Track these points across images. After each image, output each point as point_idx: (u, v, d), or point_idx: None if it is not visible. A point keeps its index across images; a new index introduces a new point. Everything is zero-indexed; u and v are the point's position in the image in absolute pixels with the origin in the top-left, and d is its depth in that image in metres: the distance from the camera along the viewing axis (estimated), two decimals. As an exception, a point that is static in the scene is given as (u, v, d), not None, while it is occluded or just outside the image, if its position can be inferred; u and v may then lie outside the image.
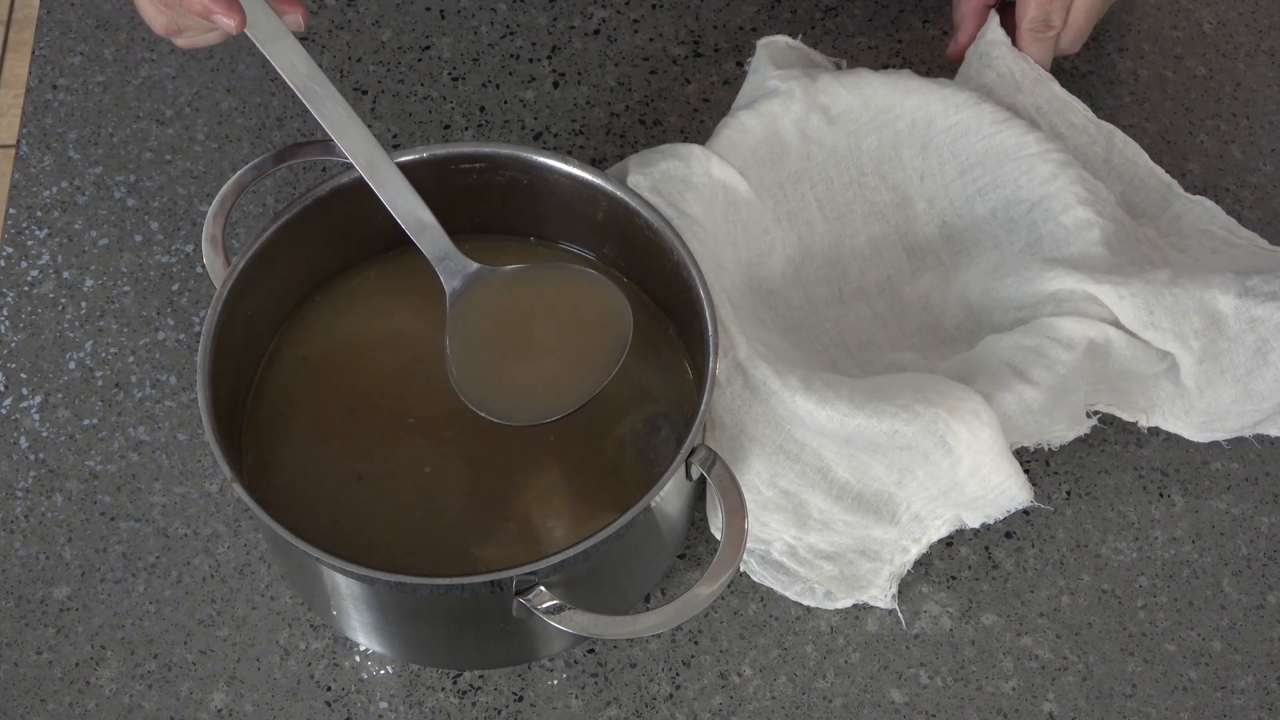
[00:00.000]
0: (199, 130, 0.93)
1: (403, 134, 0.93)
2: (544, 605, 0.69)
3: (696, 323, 0.75)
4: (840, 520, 0.79)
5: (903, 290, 0.86)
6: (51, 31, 0.97)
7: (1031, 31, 0.88)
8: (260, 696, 0.77)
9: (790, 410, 0.77)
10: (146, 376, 0.85)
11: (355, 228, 0.80)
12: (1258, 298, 0.79)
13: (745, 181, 0.83)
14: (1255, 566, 0.81)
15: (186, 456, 0.83)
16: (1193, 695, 0.77)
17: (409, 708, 0.77)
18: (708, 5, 0.98)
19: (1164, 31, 0.98)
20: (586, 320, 0.75)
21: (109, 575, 0.79)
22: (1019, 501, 0.77)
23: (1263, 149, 0.93)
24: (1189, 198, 0.88)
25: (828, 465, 0.78)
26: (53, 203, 0.90)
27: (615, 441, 0.77)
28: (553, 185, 0.79)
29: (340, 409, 0.78)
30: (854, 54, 0.96)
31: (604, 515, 0.74)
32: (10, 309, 0.87)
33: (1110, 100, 0.95)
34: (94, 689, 0.77)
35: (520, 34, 0.97)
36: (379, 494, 0.76)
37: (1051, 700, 0.77)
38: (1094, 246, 0.81)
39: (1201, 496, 0.83)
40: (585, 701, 0.77)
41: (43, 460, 0.82)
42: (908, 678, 0.78)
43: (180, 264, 0.88)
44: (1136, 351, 0.80)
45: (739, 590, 0.79)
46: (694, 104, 0.94)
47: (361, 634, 0.76)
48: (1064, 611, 0.79)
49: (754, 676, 0.78)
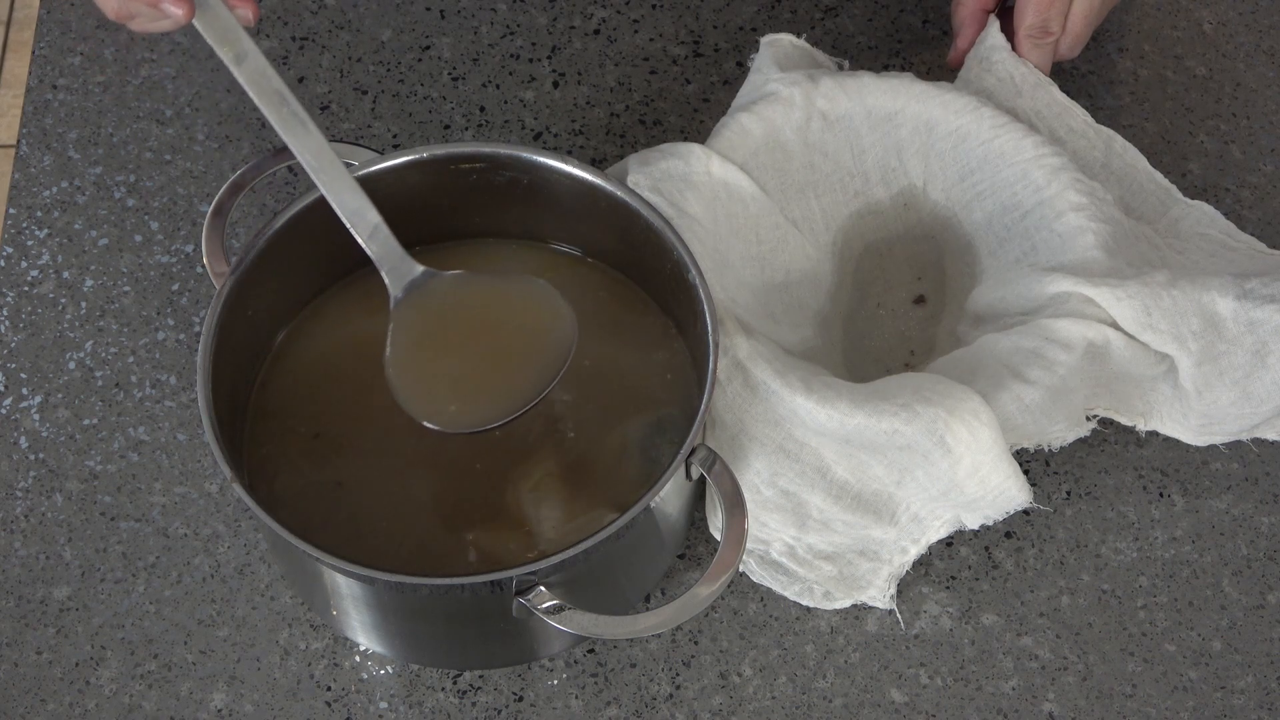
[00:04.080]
0: (199, 130, 0.93)
1: (403, 134, 0.93)
2: (544, 605, 0.69)
3: (696, 323, 0.75)
4: (840, 520, 0.79)
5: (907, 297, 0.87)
6: (51, 31, 0.97)
7: (1030, 38, 0.88)
8: (260, 696, 0.77)
9: (790, 410, 0.77)
10: (146, 376, 0.85)
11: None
12: (1256, 300, 0.79)
13: (749, 178, 0.83)
14: (1255, 566, 0.81)
15: (186, 456, 0.83)
16: (1193, 695, 0.77)
17: (409, 708, 0.77)
18: (708, 5, 0.98)
19: (1164, 31, 0.98)
20: (530, 330, 0.74)
21: (109, 575, 0.79)
22: (1018, 503, 0.77)
23: (1263, 149, 0.93)
24: (1188, 202, 0.88)
25: (827, 465, 0.78)
26: (53, 203, 0.90)
27: (615, 441, 0.77)
28: (553, 185, 0.79)
29: (340, 408, 0.78)
30: (854, 54, 0.96)
31: (604, 515, 0.74)
32: (10, 309, 0.87)
33: (1110, 100, 0.95)
34: (94, 689, 0.77)
35: (520, 34, 0.97)
36: (379, 494, 0.76)
37: (1051, 700, 0.77)
38: (1090, 251, 0.81)
39: (1201, 497, 0.83)
40: (585, 701, 0.77)
41: (43, 460, 0.82)
42: (908, 678, 0.78)
43: (180, 264, 0.88)
44: (1135, 353, 0.80)
45: (739, 590, 0.79)
46: (694, 104, 0.94)
47: (361, 634, 0.76)
48: (1064, 611, 0.79)
49: (754, 676, 0.78)
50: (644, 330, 0.80)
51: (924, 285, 0.87)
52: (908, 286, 0.87)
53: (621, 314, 0.81)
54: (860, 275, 0.87)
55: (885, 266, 0.87)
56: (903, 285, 0.87)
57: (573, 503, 0.75)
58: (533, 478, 0.76)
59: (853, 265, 0.87)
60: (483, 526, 0.75)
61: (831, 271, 0.86)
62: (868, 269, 0.87)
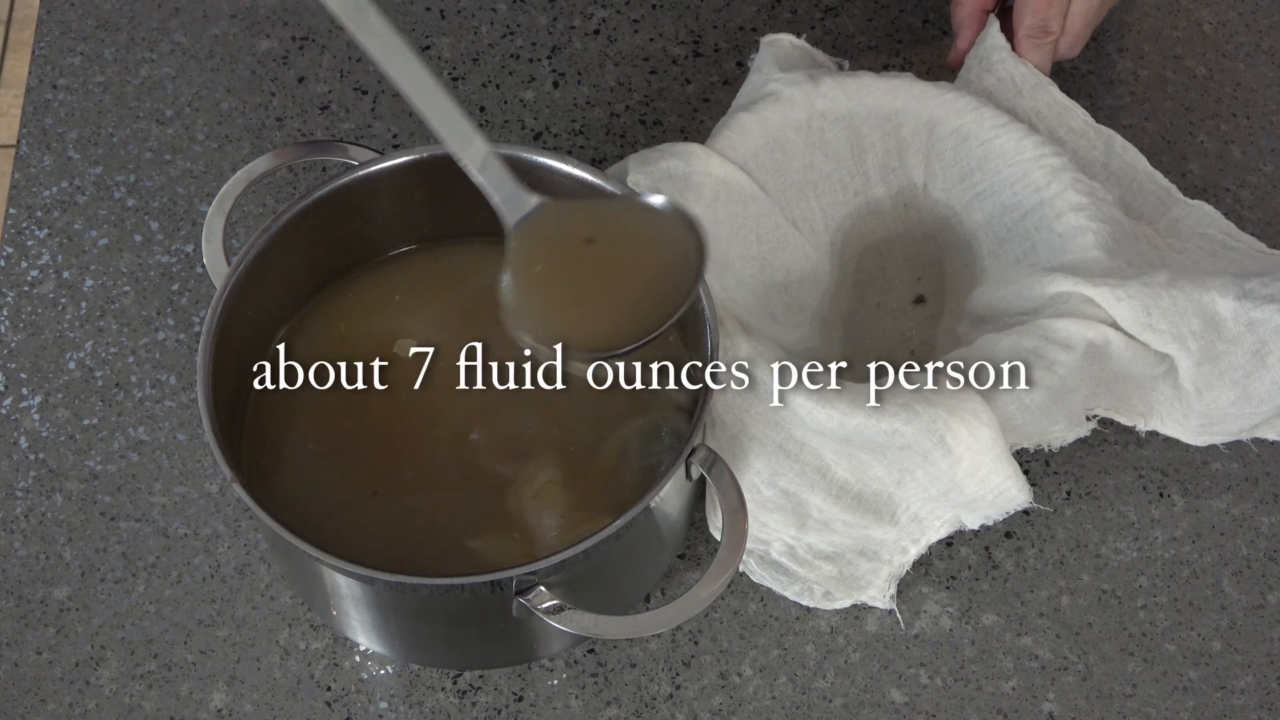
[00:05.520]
0: (199, 130, 0.93)
1: (403, 134, 0.93)
2: (544, 605, 0.69)
3: (696, 323, 0.75)
4: (839, 520, 0.79)
5: (907, 297, 0.86)
6: (51, 31, 0.97)
7: (1030, 37, 0.88)
8: (260, 696, 0.77)
9: (790, 410, 0.77)
10: (146, 376, 0.85)
11: (355, 228, 0.80)
12: (1256, 300, 0.79)
13: (749, 178, 0.83)
14: (1255, 566, 0.81)
15: (186, 456, 0.83)
16: (1193, 695, 0.77)
17: (409, 708, 0.77)
18: (708, 5, 0.98)
19: (1164, 31, 0.98)
20: (654, 255, 0.71)
21: (109, 575, 0.79)
22: (1018, 503, 0.77)
23: (1263, 149, 0.93)
24: (1188, 202, 0.88)
25: (827, 465, 0.78)
26: (53, 203, 0.90)
27: (615, 441, 0.77)
28: (553, 185, 0.79)
29: (340, 409, 0.78)
30: (854, 54, 0.96)
31: (603, 515, 0.74)
32: (10, 309, 0.87)
33: (1110, 100, 0.95)
34: (94, 689, 0.77)
35: (520, 34, 0.97)
36: (379, 494, 0.76)
37: (1051, 700, 0.77)
38: (1090, 251, 0.81)
39: (1201, 496, 0.83)
40: (585, 701, 0.77)
41: (43, 460, 0.82)
42: (908, 678, 0.78)
43: (180, 264, 0.88)
44: (1135, 354, 0.80)
45: (739, 590, 0.79)
46: (694, 104, 0.94)
47: (361, 634, 0.76)
48: (1064, 611, 0.79)
49: (754, 676, 0.78)
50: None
51: (924, 285, 0.87)
52: (908, 286, 0.87)
53: (621, 314, 0.81)
54: (860, 275, 0.87)
55: (885, 266, 0.87)
56: (903, 285, 0.87)
57: (573, 503, 0.75)
58: (533, 477, 0.76)
59: (853, 265, 0.87)
60: (483, 526, 0.75)
61: (831, 271, 0.86)
62: (868, 269, 0.87)
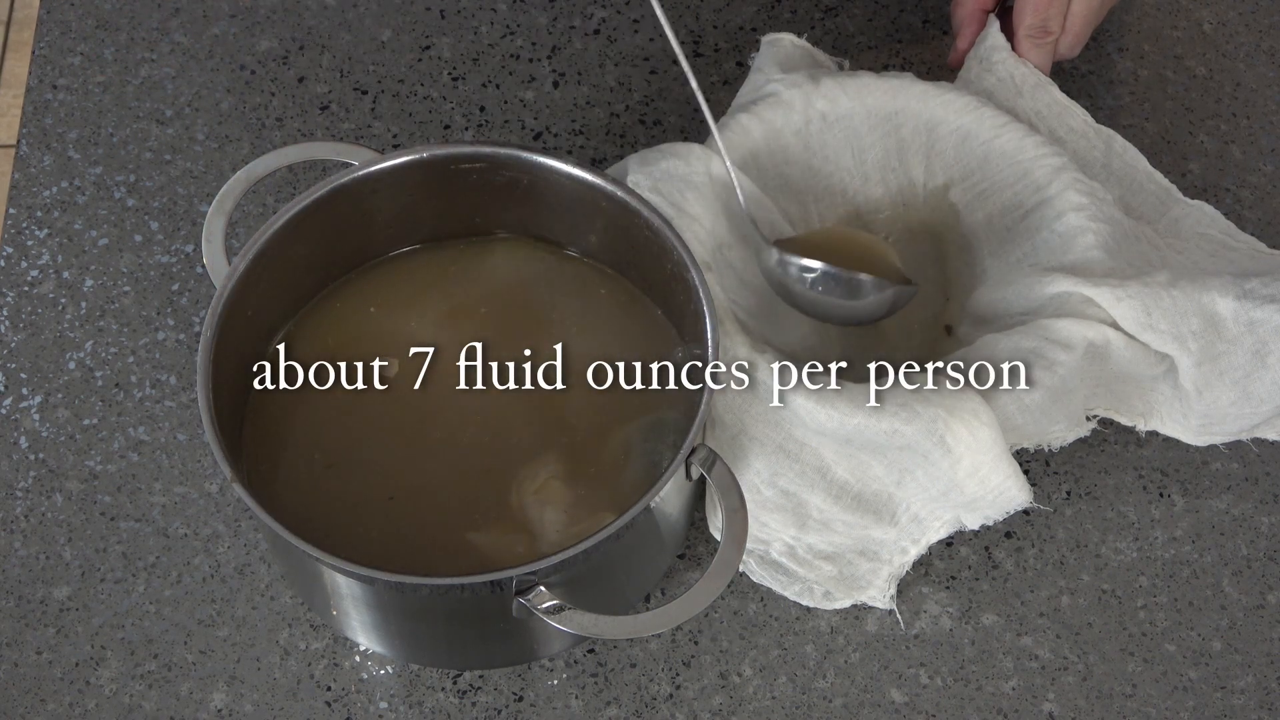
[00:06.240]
0: (199, 130, 0.93)
1: (403, 134, 0.93)
2: (544, 605, 0.69)
3: (696, 323, 0.75)
4: (839, 520, 0.79)
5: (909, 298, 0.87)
6: (51, 31, 0.97)
7: (1030, 37, 0.88)
8: (260, 696, 0.77)
9: (790, 410, 0.77)
10: (146, 376, 0.85)
11: (355, 228, 0.80)
12: (1256, 300, 0.79)
13: (749, 178, 0.83)
14: (1255, 566, 0.81)
15: (186, 456, 0.83)
16: (1193, 695, 0.77)
17: (409, 708, 0.77)
18: (708, 5, 0.98)
19: (1164, 31, 0.98)
20: None
21: (109, 575, 0.79)
22: (1018, 503, 0.77)
23: (1263, 149, 0.93)
24: (1188, 202, 0.88)
25: (827, 465, 0.78)
26: (53, 203, 0.90)
27: (616, 441, 0.77)
28: (553, 185, 0.79)
29: (340, 409, 0.78)
30: (854, 54, 0.96)
31: (604, 515, 0.74)
32: (10, 309, 0.87)
33: (1110, 100, 0.95)
34: (94, 689, 0.77)
35: (520, 34, 0.97)
36: (379, 494, 0.76)
37: (1051, 700, 0.77)
38: (1090, 251, 0.81)
39: (1201, 496, 0.83)
40: (585, 701, 0.77)
41: (43, 460, 0.82)
42: (908, 678, 0.78)
43: (180, 264, 0.88)
44: (1135, 354, 0.80)
45: (739, 590, 0.79)
46: (694, 104, 0.94)
47: (361, 634, 0.76)
48: (1064, 611, 0.79)
49: (754, 676, 0.78)
50: (644, 330, 0.80)
51: (925, 288, 0.87)
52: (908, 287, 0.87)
53: (621, 314, 0.81)
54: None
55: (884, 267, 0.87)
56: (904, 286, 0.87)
57: (573, 503, 0.75)
58: (534, 477, 0.76)
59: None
60: (483, 526, 0.75)
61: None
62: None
